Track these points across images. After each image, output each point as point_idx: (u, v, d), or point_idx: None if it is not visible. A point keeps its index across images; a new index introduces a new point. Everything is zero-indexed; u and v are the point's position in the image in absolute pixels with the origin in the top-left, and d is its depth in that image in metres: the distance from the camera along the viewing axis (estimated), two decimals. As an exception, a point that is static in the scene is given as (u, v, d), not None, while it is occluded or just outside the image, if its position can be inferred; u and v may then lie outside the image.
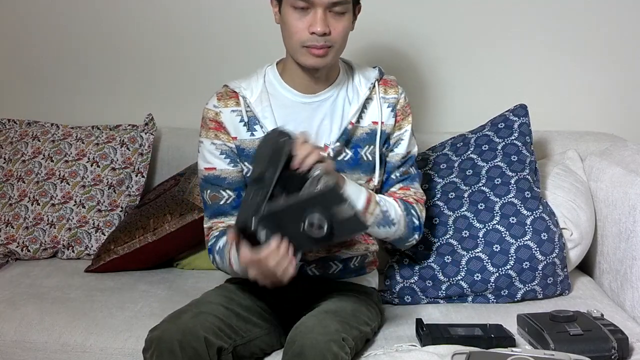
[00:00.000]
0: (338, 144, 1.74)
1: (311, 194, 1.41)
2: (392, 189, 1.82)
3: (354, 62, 1.84)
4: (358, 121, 1.77)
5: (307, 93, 1.75)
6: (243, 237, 1.44)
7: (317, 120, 1.75)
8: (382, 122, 1.78)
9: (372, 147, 1.78)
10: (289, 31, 1.67)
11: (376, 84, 1.80)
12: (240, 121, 1.74)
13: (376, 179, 1.79)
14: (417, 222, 1.81)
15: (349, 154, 1.76)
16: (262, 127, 1.73)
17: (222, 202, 1.76)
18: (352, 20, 1.72)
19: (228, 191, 1.76)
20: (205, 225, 1.79)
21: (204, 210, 1.81)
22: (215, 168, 1.76)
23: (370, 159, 1.78)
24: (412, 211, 1.80)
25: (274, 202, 1.43)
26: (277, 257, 1.45)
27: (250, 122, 1.74)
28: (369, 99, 1.78)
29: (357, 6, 1.73)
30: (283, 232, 1.43)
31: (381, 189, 1.83)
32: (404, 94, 1.83)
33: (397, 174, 1.83)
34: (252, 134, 1.74)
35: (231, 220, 1.75)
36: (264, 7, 1.80)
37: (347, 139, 1.75)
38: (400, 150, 1.82)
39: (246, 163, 1.75)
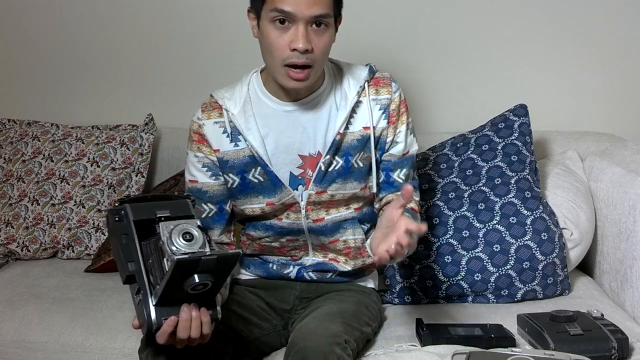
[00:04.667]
0: (328, 157, 1.70)
1: (167, 276, 1.30)
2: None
3: (343, 62, 1.78)
4: (347, 127, 1.71)
5: (289, 101, 1.70)
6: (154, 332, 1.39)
7: (299, 129, 1.70)
8: (373, 127, 1.72)
9: (363, 153, 1.73)
10: (269, 48, 1.60)
11: (366, 85, 1.72)
12: (224, 132, 1.71)
13: (374, 186, 1.75)
14: None
15: (339, 162, 1.72)
16: (245, 139, 1.69)
17: (203, 216, 1.74)
18: (335, 33, 1.65)
19: (209, 204, 1.74)
20: None
21: None
22: (197, 181, 1.74)
23: (362, 165, 1.73)
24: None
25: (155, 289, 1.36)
26: (185, 325, 1.36)
27: (234, 134, 1.70)
28: (358, 102, 1.72)
29: (338, 18, 1.66)
30: (179, 302, 1.37)
31: (379, 190, 1.77)
32: (399, 92, 1.75)
33: (402, 177, 1.77)
34: (236, 145, 1.70)
35: (212, 235, 1.73)
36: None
37: (336, 147, 1.71)
38: (395, 151, 1.76)
39: (231, 174, 1.72)
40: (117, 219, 1.40)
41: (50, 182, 2.34)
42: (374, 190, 1.75)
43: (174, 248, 1.33)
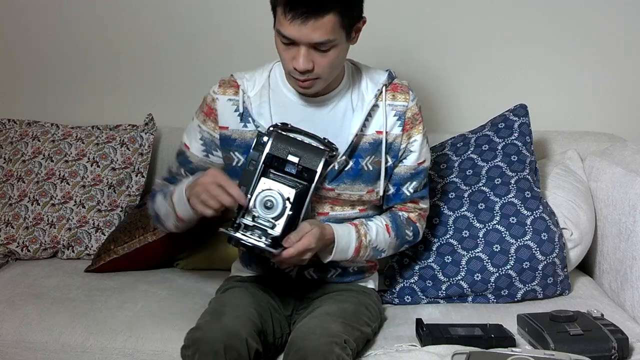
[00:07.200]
0: (344, 158, 1.71)
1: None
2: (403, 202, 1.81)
3: (362, 65, 1.80)
4: (361, 129, 1.72)
5: (308, 95, 1.72)
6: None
7: (313, 125, 1.72)
8: (386, 132, 1.73)
9: (374, 157, 1.74)
10: (279, 55, 1.66)
11: (384, 89, 1.74)
12: (235, 111, 1.74)
13: (381, 190, 1.76)
14: (410, 237, 1.81)
15: (349, 163, 1.73)
16: (254, 121, 1.72)
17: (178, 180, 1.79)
18: (353, 38, 1.66)
19: (188, 174, 1.78)
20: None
21: (162, 174, 1.91)
22: (189, 148, 1.78)
23: (371, 168, 1.74)
24: (407, 231, 1.79)
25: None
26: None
27: (245, 114, 1.73)
28: (375, 106, 1.73)
29: (361, 20, 1.66)
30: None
31: (385, 200, 1.80)
32: (416, 101, 1.77)
33: (411, 190, 1.79)
34: (245, 126, 1.73)
35: None
36: (266, 8, 1.79)
37: (351, 149, 1.72)
38: (409, 162, 1.78)
39: (236, 153, 1.74)
40: (256, 141, 1.64)
41: (50, 182, 2.34)
42: (381, 194, 1.76)
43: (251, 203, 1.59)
